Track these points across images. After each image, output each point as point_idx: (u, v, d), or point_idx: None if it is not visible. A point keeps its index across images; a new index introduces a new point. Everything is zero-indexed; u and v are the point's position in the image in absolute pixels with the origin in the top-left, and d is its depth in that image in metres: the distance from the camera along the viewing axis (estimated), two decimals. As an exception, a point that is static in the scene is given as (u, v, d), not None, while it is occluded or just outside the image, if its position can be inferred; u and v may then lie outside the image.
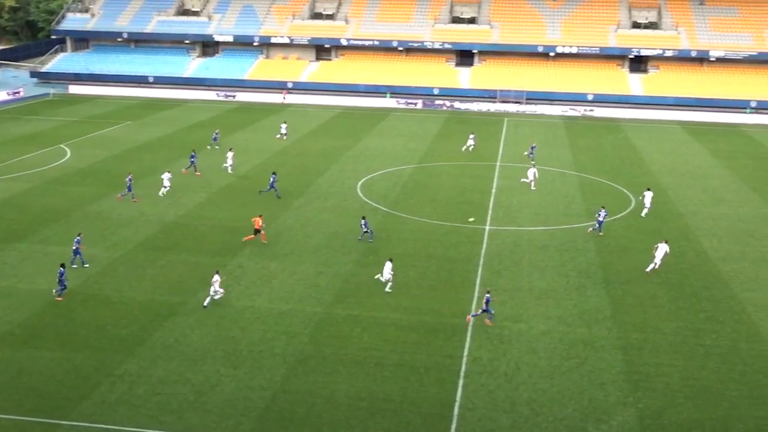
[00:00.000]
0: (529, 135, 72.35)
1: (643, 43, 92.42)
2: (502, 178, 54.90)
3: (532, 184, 52.07)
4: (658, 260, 36.98)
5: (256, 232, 39.86)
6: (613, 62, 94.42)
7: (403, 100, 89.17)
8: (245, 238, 40.18)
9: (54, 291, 32.60)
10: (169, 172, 49.08)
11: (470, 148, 63.51)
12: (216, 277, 32.05)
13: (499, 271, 36.68)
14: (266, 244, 39.51)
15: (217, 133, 64.64)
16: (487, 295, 31.03)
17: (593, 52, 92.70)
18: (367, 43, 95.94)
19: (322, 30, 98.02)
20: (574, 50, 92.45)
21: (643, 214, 46.51)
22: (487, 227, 43.38)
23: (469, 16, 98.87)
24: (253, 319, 30.92)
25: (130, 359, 27.47)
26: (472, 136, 64.48)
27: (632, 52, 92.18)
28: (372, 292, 33.90)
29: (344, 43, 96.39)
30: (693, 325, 31.38)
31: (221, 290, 32.22)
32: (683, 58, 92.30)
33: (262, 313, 31.47)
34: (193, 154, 55.09)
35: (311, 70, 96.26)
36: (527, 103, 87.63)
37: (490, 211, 46.57)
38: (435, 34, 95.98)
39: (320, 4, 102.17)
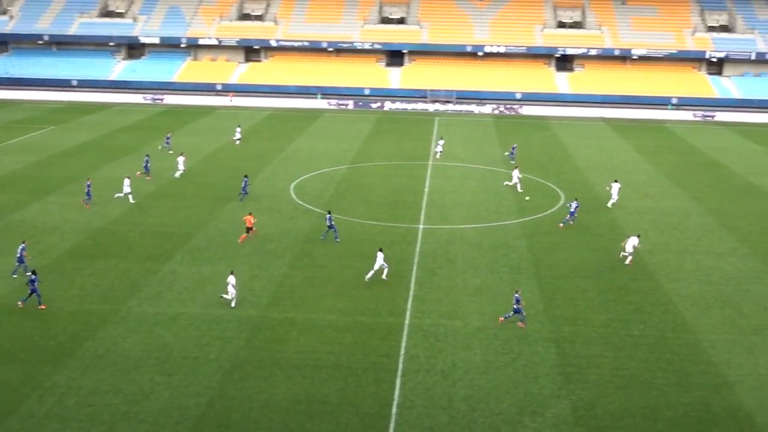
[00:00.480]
0: (459, 134, 73.16)
1: (569, 42, 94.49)
2: (434, 178, 55.33)
3: (518, 186, 51.82)
4: (628, 252, 38.20)
5: (248, 230, 40.19)
6: (540, 61, 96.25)
7: (335, 101, 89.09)
8: (240, 239, 40.06)
9: (21, 301, 31.61)
10: (128, 177, 48.02)
11: (437, 155, 61.71)
12: (231, 278, 32.01)
13: (433, 270, 36.95)
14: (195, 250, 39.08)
15: (168, 137, 63.80)
16: (516, 295, 30.99)
17: (520, 51, 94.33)
18: (296, 44, 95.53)
19: (251, 31, 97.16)
20: (502, 50, 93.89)
21: (609, 204, 48.04)
22: (421, 226, 43.66)
23: (398, 17, 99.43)
24: (187, 325, 30.41)
25: (59, 371, 26.68)
26: (441, 141, 63.12)
27: (558, 51, 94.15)
28: (307, 294, 33.74)
29: (274, 44, 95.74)
30: (622, 316, 32.19)
31: (234, 291, 31.99)
32: (607, 57, 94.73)
33: (196, 319, 30.98)
34: (147, 158, 54.04)
35: (241, 71, 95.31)
36: (457, 103, 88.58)
37: (423, 211, 46.88)
38: (364, 34, 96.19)
39: (248, 5, 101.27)
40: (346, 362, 27.80)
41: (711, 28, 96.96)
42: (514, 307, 30.82)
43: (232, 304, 32.14)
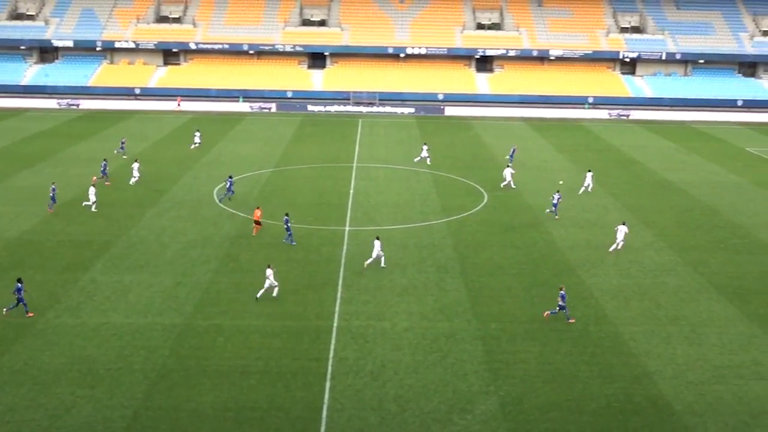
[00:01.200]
0: (383, 135, 73.45)
1: (488, 43, 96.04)
2: (359, 179, 55.39)
3: (511, 183, 53.38)
4: (620, 241, 40.19)
5: (257, 222, 41.64)
6: (461, 62, 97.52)
7: (257, 104, 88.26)
8: (254, 231, 41.73)
9: (10, 307, 31.12)
10: (93, 185, 46.85)
11: (427, 160, 61.17)
12: (269, 271, 32.83)
13: (360, 271, 36.97)
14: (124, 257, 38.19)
15: (123, 142, 62.61)
16: (561, 291, 31.45)
17: (441, 52, 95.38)
18: (216, 46, 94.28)
19: (169, 34, 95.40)
20: (423, 51, 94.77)
21: (579, 192, 51.79)
22: (347, 228, 43.64)
23: (319, 19, 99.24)
24: (109, 336, 29.60)
25: (-27, 388, 25.61)
26: (425, 147, 62.39)
27: (478, 52, 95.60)
28: (234, 299, 33.29)
29: (193, 47, 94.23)
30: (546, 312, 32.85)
31: (276, 282, 33.05)
32: (525, 58, 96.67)
33: (118, 329, 30.19)
34: (104, 162, 53.11)
35: (159, 75, 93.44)
36: (380, 104, 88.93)
37: (349, 212, 46.87)
38: (286, 36, 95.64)
39: (166, 7, 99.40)
40: (274, 367, 27.55)
41: (623, 29, 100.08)
42: (560, 303, 31.43)
43: (274, 293, 33.17)
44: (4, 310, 31.18)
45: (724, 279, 37.22)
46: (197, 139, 65.59)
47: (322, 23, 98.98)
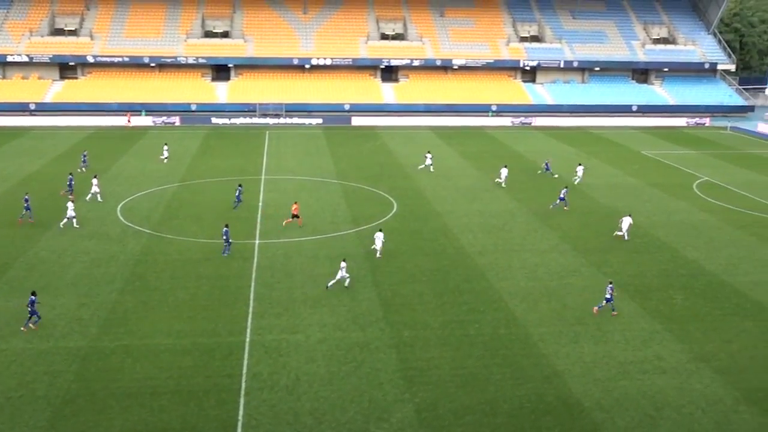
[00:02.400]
0: (291, 146, 73.07)
1: (392, 53, 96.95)
2: (268, 192, 54.88)
3: (502, 183, 57.78)
4: (625, 232, 44.26)
5: (294, 216, 45.09)
6: (366, 72, 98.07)
7: (160, 118, 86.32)
8: (285, 222, 45.52)
9: (26, 323, 31.16)
10: (71, 201, 45.60)
11: (431, 168, 62.51)
12: (343, 264, 35.54)
13: (272, 284, 36.59)
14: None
15: (85, 154, 61.58)
16: (610, 286, 33.49)
17: (346, 63, 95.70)
18: (116, 59, 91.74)
19: (65, 47, 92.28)
20: (328, 62, 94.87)
21: (576, 182, 58.17)
22: (257, 241, 43.13)
23: (221, 30, 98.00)
24: (9, 363, 28.29)
25: None
26: (429, 155, 63.54)
27: (383, 62, 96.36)
28: (141, 319, 32.38)
29: (91, 60, 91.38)
30: (458, 317, 33.30)
31: (348, 275, 35.54)
32: (429, 67, 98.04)
33: (18, 355, 28.89)
34: (70, 176, 52.41)
35: (56, 89, 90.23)
36: (287, 116, 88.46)
37: (258, 225, 46.35)
38: (188, 48, 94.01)
39: (61, 20, 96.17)
40: (186, 386, 26.91)
41: (523, 39, 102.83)
42: (607, 296, 33.43)
43: (346, 284, 35.73)
44: (29, 326, 31.14)
45: (626, 278, 38.62)
46: (165, 153, 64.94)
47: (225, 35, 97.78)
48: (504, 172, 58.33)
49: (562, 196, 51.64)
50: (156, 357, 28.99)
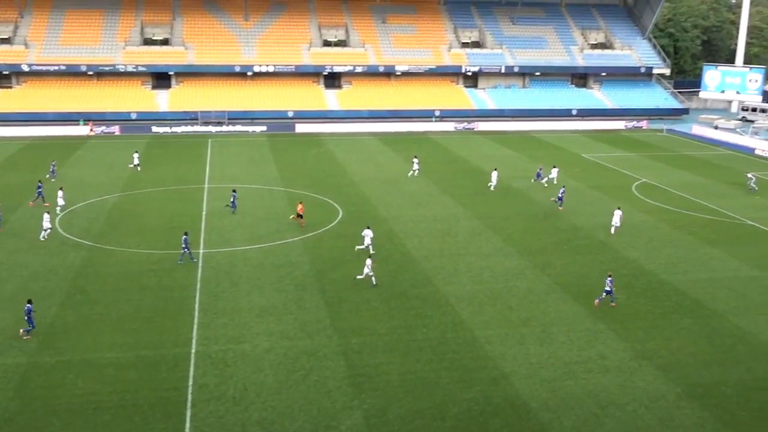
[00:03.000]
0: (234, 154, 72.44)
1: (335, 60, 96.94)
2: (211, 200, 54.26)
3: (492, 186, 58.99)
4: (617, 224, 46.84)
5: (299, 216, 47.12)
6: (309, 79, 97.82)
7: (99, 127, 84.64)
8: (302, 223, 47.12)
9: (21, 330, 31.22)
10: (47, 212, 44.40)
11: (416, 173, 63.63)
12: (368, 261, 37.23)
13: (217, 294, 36.17)
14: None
15: (54, 164, 60.79)
16: (609, 278, 35.12)
17: (289, 70, 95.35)
18: (52, 68, 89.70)
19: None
20: (271, 69, 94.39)
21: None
22: (201, 251, 42.58)
23: (161, 38, 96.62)
24: (-56, 382, 27.39)
25: None
26: (416, 160, 64.47)
27: (326, 69, 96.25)
28: (83, 333, 31.65)
29: (26, 68, 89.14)
30: (405, 322, 33.39)
31: (372, 272, 37.20)
32: (372, 74, 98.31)
33: (-46, 374, 27.99)
34: (39, 185, 51.32)
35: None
36: (230, 123, 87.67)
37: (202, 235, 45.78)
38: (127, 56, 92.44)
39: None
40: (131, 400, 26.40)
41: (464, 44, 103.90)
42: (606, 289, 34.98)
43: (373, 281, 37.27)
44: (22, 332, 31.18)
45: (569, 279, 39.26)
46: (135, 160, 64.44)
47: (165, 42, 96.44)
48: (495, 175, 59.67)
49: (560, 195, 53.44)
50: (99, 371, 28.37)
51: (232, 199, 50.88)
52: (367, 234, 41.75)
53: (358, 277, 37.88)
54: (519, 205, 54.59)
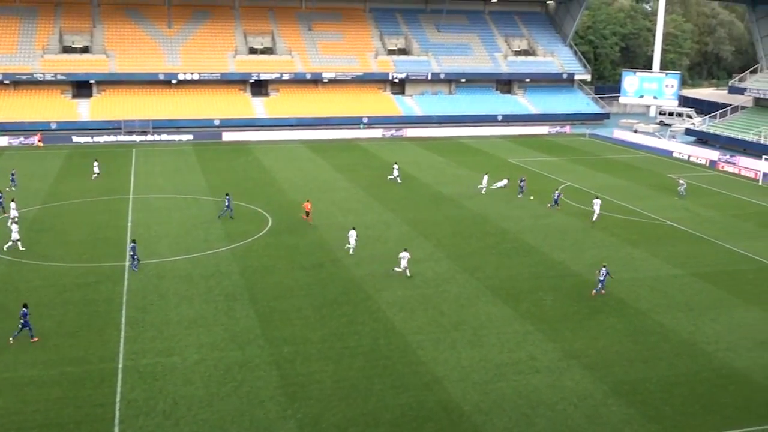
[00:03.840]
0: (159, 164, 71.10)
1: (262, 67, 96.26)
2: (136, 211, 53.09)
3: (483, 190, 60.64)
4: (597, 212, 51.15)
5: (307, 213, 49.60)
6: (236, 87, 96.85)
7: (17, 138, 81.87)
8: (309, 220, 49.62)
9: (14, 335, 31.14)
10: (16, 223, 43.53)
11: (398, 179, 64.53)
12: (404, 254, 39.11)
13: (144, 307, 35.38)
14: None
15: (13, 173, 59.32)
16: (604, 269, 37.28)
17: (215, 78, 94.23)
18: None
19: None
20: (196, 77, 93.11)
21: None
22: (127, 263, 41.58)
23: (81, 45, 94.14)
24: None
25: None
26: (396, 166, 65.45)
27: (252, 76, 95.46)
28: (2, 350, 30.47)
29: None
30: (337, 330, 33.30)
31: (406, 266, 39.39)
32: (300, 81, 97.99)
33: None
34: (0, 194, 50.65)
35: None
36: (154, 133, 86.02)
37: (128, 247, 44.69)
38: (45, 65, 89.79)
39: None
40: (55, 419, 25.56)
41: (391, 52, 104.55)
42: (600, 278, 37.24)
43: (407, 273, 39.51)
44: (11, 338, 30.95)
45: (498, 282, 39.83)
46: (96, 169, 63.29)
47: (85, 50, 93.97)
48: (485, 179, 61.16)
49: (555, 197, 56.13)
50: (20, 390, 27.39)
51: (226, 203, 51.01)
52: (352, 235, 43.62)
53: (395, 269, 40.19)
54: (448, 210, 55.13)
